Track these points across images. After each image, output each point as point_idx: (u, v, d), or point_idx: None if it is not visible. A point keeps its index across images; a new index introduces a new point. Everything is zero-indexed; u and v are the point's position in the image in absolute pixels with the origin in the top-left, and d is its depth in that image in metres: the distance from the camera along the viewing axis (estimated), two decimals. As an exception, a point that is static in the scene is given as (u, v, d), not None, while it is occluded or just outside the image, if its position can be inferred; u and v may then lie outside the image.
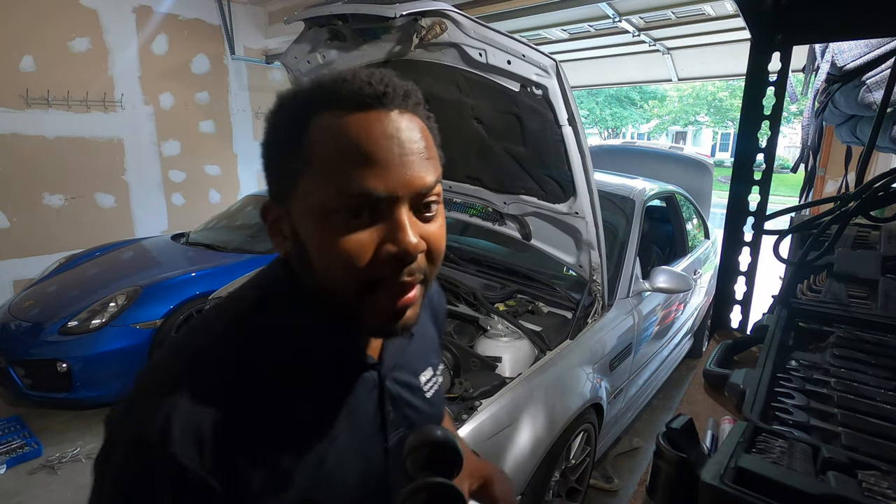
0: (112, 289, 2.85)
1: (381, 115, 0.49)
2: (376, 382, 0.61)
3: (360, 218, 0.49)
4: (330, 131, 0.49)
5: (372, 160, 0.48)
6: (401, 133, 0.49)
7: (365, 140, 0.48)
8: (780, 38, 1.27)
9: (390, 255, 0.49)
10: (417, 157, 0.50)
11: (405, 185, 0.49)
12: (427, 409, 0.68)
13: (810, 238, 1.24)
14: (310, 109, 0.50)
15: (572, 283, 2.26)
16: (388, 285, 0.50)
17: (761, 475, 0.57)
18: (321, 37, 1.85)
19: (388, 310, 0.51)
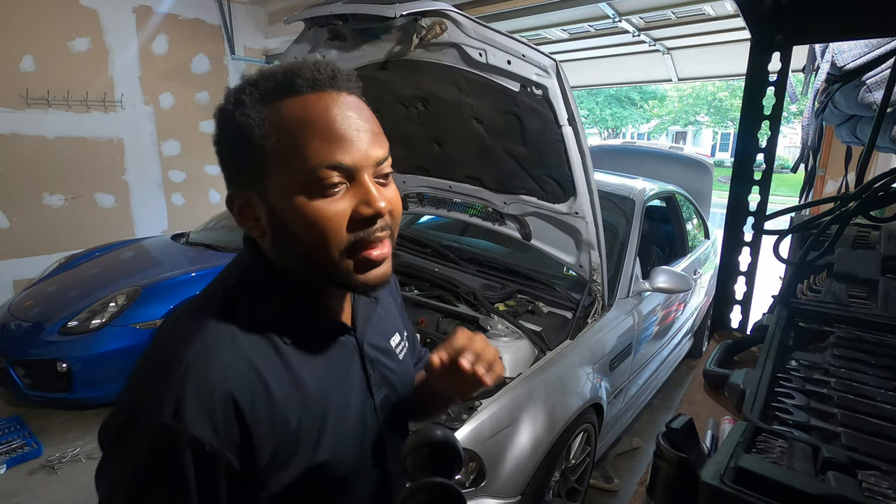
0: (112, 289, 2.85)
1: (334, 96, 0.56)
2: (355, 346, 0.68)
3: (335, 188, 0.55)
4: (293, 115, 0.54)
5: (337, 136, 0.55)
6: (353, 112, 0.57)
7: (327, 118, 0.55)
8: (780, 38, 1.27)
9: (366, 216, 0.56)
10: (371, 134, 0.58)
11: (366, 157, 0.56)
12: (400, 369, 0.76)
13: (810, 238, 1.24)
14: (269, 98, 0.55)
15: (572, 283, 2.26)
16: (365, 243, 0.58)
17: (761, 475, 0.57)
18: (321, 37, 1.85)
19: (368, 264, 0.59)
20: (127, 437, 0.52)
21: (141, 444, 0.51)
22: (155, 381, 0.53)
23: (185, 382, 0.51)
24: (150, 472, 0.51)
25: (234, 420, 0.53)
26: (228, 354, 0.55)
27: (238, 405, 0.53)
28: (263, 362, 0.57)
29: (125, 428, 0.52)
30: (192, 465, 0.50)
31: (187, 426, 0.50)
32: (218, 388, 0.52)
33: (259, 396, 0.55)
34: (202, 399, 0.51)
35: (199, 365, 0.53)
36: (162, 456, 0.50)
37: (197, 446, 0.50)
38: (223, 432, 0.52)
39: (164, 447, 0.50)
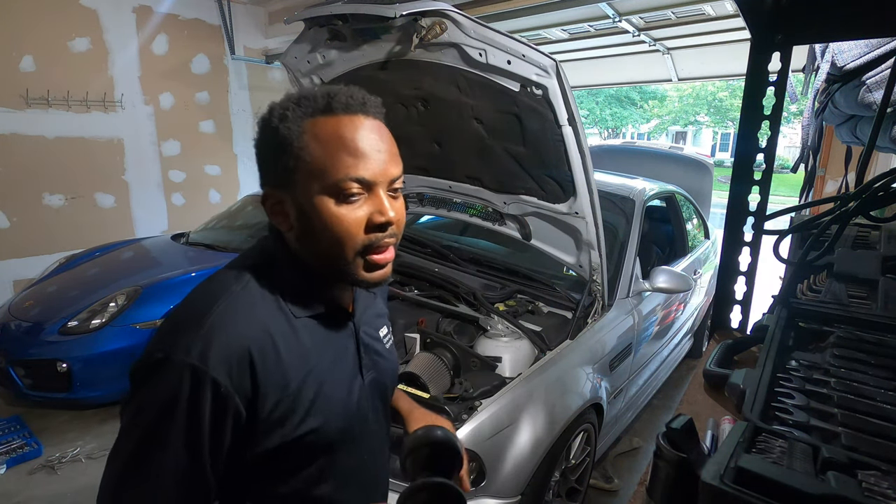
0: (112, 289, 2.85)
1: (363, 119, 0.66)
2: (353, 331, 0.78)
3: (354, 198, 0.65)
4: (327, 131, 0.65)
5: (362, 153, 0.65)
6: (377, 134, 0.67)
7: (356, 137, 0.65)
8: (780, 38, 1.27)
9: (379, 223, 0.67)
10: (389, 154, 0.68)
11: (383, 174, 0.67)
12: (388, 356, 0.87)
13: (810, 238, 1.24)
14: (307, 115, 0.66)
15: (572, 283, 2.26)
16: (375, 247, 0.68)
17: (761, 475, 0.57)
18: (321, 37, 1.85)
19: (374, 265, 0.69)
20: (158, 372, 0.60)
21: (169, 379, 0.59)
22: (186, 328, 0.62)
23: (211, 333, 0.61)
24: (173, 403, 0.59)
25: (248, 371, 0.62)
26: (249, 316, 0.65)
27: (252, 359, 0.62)
28: (276, 329, 0.67)
29: (157, 365, 0.60)
30: (210, 402, 0.60)
31: (210, 369, 0.59)
32: (237, 341, 0.62)
33: (269, 356, 0.64)
34: (223, 349, 0.61)
35: (224, 320, 0.63)
36: (186, 390, 0.59)
37: (215, 387, 0.60)
38: (237, 379, 0.61)
39: (189, 383, 0.59)
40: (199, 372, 0.59)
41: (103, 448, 2.54)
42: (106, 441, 2.60)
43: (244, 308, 0.65)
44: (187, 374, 0.59)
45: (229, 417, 0.62)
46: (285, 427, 0.66)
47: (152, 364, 0.61)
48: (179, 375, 0.59)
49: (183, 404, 0.59)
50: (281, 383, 0.65)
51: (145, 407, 0.61)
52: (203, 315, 0.63)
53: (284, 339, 0.67)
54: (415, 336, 1.88)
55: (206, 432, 0.60)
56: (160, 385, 0.60)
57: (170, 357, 0.60)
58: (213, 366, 0.60)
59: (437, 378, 1.73)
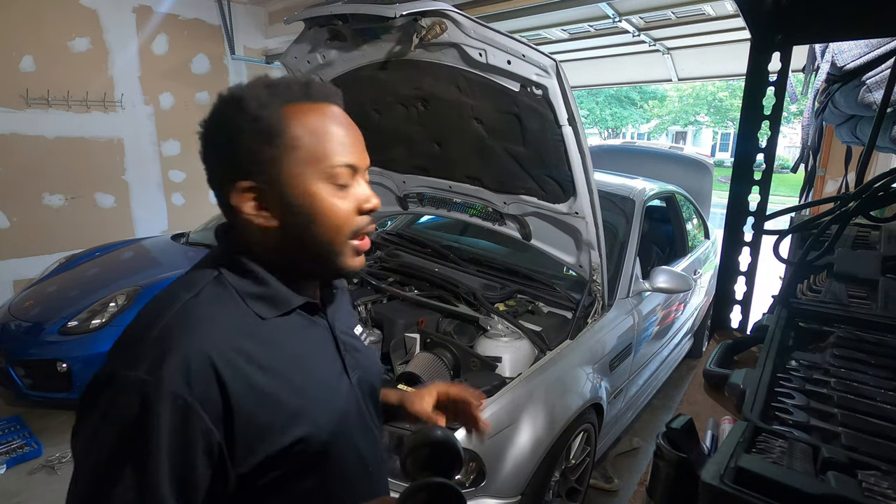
0: (112, 289, 2.85)
1: (341, 110, 0.68)
2: (328, 328, 0.74)
3: (346, 184, 0.65)
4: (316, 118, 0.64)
5: (350, 142, 0.66)
6: (352, 122, 0.68)
7: (342, 126, 0.66)
8: (780, 38, 1.27)
9: (369, 209, 0.67)
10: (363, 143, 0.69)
11: (364, 161, 0.68)
12: (371, 355, 0.84)
13: (810, 238, 1.24)
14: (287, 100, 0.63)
15: (572, 283, 2.26)
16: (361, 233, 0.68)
17: (761, 475, 0.57)
18: (321, 37, 1.85)
19: (357, 251, 0.68)
20: (105, 393, 0.54)
21: (118, 400, 0.53)
22: (131, 344, 0.57)
23: (161, 342, 0.55)
24: (126, 425, 0.53)
25: (214, 381, 0.56)
26: (205, 323, 0.59)
27: (216, 368, 0.56)
28: (242, 333, 0.61)
29: (103, 386, 0.55)
30: (169, 418, 0.53)
31: (162, 380, 0.53)
32: (193, 350, 0.55)
33: (237, 363, 0.58)
34: (177, 358, 0.54)
35: (176, 328, 0.57)
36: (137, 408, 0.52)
37: (172, 399, 0.53)
38: (200, 391, 0.54)
39: (141, 400, 0.52)
40: (149, 385, 0.52)
41: (103, 448, 2.53)
42: (106, 441, 2.59)
43: (198, 316, 0.59)
44: (137, 390, 0.53)
45: (197, 434, 0.54)
46: (268, 439, 0.60)
47: (98, 386, 0.55)
48: (129, 393, 0.53)
49: (135, 425, 0.52)
50: (254, 393, 0.59)
51: (96, 433, 0.54)
52: (148, 328, 0.57)
53: (253, 344, 0.61)
54: (415, 336, 1.88)
55: (164, 455, 0.52)
56: (110, 407, 0.53)
57: (115, 375, 0.54)
58: (166, 376, 0.53)
59: (437, 378, 1.73)
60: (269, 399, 0.60)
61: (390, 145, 2.21)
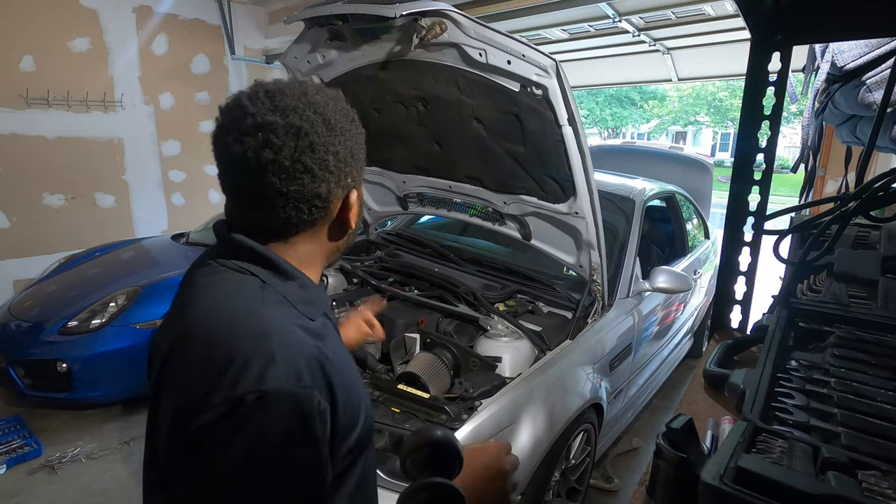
0: (112, 289, 2.85)
1: None
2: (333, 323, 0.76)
3: None
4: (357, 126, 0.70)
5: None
6: None
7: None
8: (780, 38, 1.27)
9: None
10: None
11: None
12: None
13: (810, 238, 1.24)
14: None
15: (572, 283, 2.26)
16: None
17: (761, 475, 0.57)
18: (321, 37, 1.85)
19: None
20: (259, 412, 0.53)
21: (278, 414, 0.53)
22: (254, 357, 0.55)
23: (287, 352, 0.56)
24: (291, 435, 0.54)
25: (324, 379, 0.59)
26: (293, 327, 0.61)
27: (322, 366, 0.59)
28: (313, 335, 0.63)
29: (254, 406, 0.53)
30: (319, 421, 0.56)
31: (309, 388, 0.56)
32: (310, 354, 0.59)
33: (327, 359, 0.61)
34: (307, 364, 0.57)
35: (284, 337, 0.58)
36: (301, 418, 0.54)
37: (319, 403, 0.56)
38: (324, 392, 0.58)
39: (301, 409, 0.54)
40: (304, 396, 0.55)
41: (103, 448, 2.54)
42: (106, 441, 2.60)
43: (282, 321, 0.61)
44: (294, 400, 0.54)
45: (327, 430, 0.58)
46: (351, 427, 0.63)
47: (246, 407, 0.53)
48: (286, 405, 0.54)
49: (302, 432, 0.54)
50: (343, 384, 0.62)
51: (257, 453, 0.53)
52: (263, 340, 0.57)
53: (320, 342, 0.63)
54: (415, 336, 1.88)
55: (324, 456, 0.57)
56: (269, 423, 0.53)
57: (265, 391, 0.53)
58: (310, 384, 0.56)
59: (437, 378, 1.73)
60: (350, 392, 0.63)
61: (390, 145, 2.21)
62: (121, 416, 2.82)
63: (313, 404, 0.55)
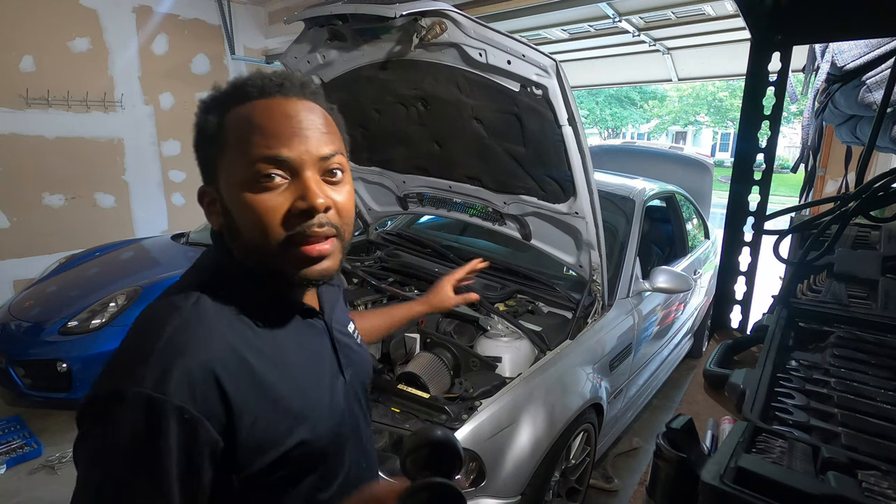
0: (112, 289, 2.85)
1: (281, 101, 0.61)
2: (325, 329, 0.73)
3: (272, 181, 0.59)
4: (241, 116, 0.60)
5: (275, 132, 0.59)
6: (299, 113, 0.61)
7: (269, 117, 0.59)
8: (780, 38, 1.27)
9: (300, 210, 0.59)
10: (316, 132, 0.61)
11: (306, 152, 0.60)
12: (361, 351, 0.83)
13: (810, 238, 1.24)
14: (226, 105, 0.62)
15: (572, 283, 2.26)
16: (302, 237, 0.60)
17: (761, 475, 0.57)
18: (321, 37, 1.85)
19: (305, 259, 0.61)
20: (111, 410, 0.53)
21: (125, 416, 0.52)
22: (135, 358, 0.55)
23: (165, 358, 0.54)
24: (134, 442, 0.52)
25: (216, 392, 0.55)
26: (206, 331, 0.58)
27: (218, 378, 0.56)
28: (241, 341, 0.60)
29: (109, 403, 0.53)
30: (176, 433, 0.52)
31: (170, 395, 0.52)
32: (197, 361, 0.55)
33: (238, 371, 0.58)
34: (182, 372, 0.54)
35: (179, 340, 0.56)
36: (146, 425, 0.52)
37: (179, 414, 0.52)
38: (202, 403, 0.54)
39: (149, 416, 0.52)
40: (157, 402, 0.52)
41: (103, 448, 2.54)
42: (106, 441, 2.59)
43: (199, 325, 0.58)
44: (144, 407, 0.52)
45: (203, 446, 0.54)
46: (271, 444, 0.60)
47: (102, 403, 0.53)
48: (136, 409, 0.52)
49: (145, 442, 0.52)
50: (256, 399, 0.59)
51: (102, 452, 0.53)
52: (152, 341, 0.55)
53: (252, 351, 0.60)
54: (415, 336, 1.88)
55: (174, 469, 0.52)
56: (116, 424, 0.52)
57: (121, 391, 0.52)
58: (173, 391, 0.52)
59: (437, 378, 1.73)
60: (270, 406, 0.60)
61: (390, 145, 2.21)
62: (121, 416, 2.82)
63: (167, 413, 0.52)
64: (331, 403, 0.69)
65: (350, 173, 0.66)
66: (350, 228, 0.66)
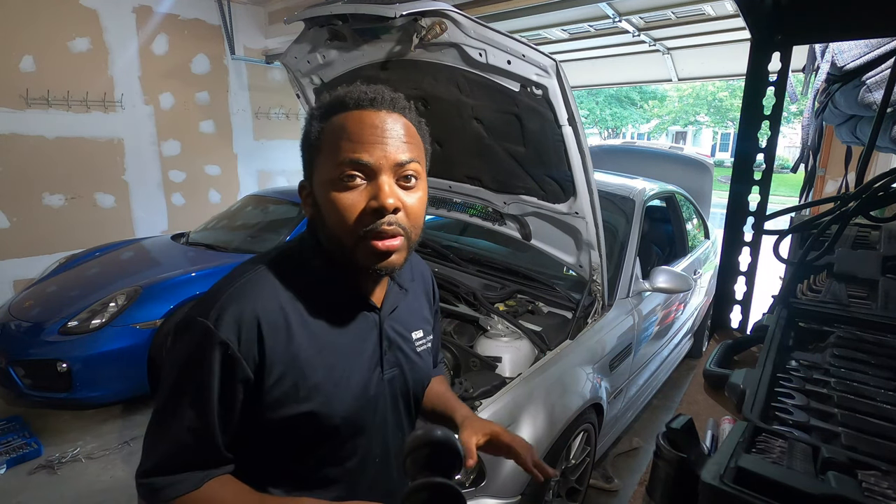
0: (112, 289, 2.85)
1: (371, 112, 0.70)
2: (376, 323, 0.79)
3: (353, 181, 0.68)
4: (337, 124, 0.70)
5: (361, 138, 0.68)
6: (385, 123, 0.70)
7: (358, 126, 0.69)
8: (780, 38, 1.27)
9: (372, 208, 0.68)
10: (396, 140, 0.70)
11: (384, 157, 0.68)
12: (418, 360, 0.87)
13: (810, 238, 1.24)
14: (327, 114, 0.72)
15: (572, 283, 2.26)
16: (373, 233, 0.68)
17: (761, 475, 0.57)
18: (321, 37, 1.85)
19: (374, 251, 0.69)
20: (184, 332, 0.69)
21: (190, 338, 0.68)
22: (211, 297, 0.70)
23: (227, 301, 0.68)
24: (190, 359, 0.68)
25: (255, 338, 0.68)
26: (265, 291, 0.71)
27: (260, 328, 0.68)
28: (292, 307, 0.72)
29: (184, 326, 0.69)
30: (219, 361, 0.66)
31: (220, 331, 0.66)
32: (248, 310, 0.68)
33: (279, 329, 0.70)
34: (234, 315, 0.67)
35: (241, 292, 0.70)
36: (200, 348, 0.67)
37: (223, 348, 0.66)
38: (245, 344, 0.67)
39: (203, 342, 0.67)
40: (211, 333, 0.66)
41: (103, 448, 2.54)
42: (106, 441, 2.60)
43: (262, 284, 0.71)
44: (202, 334, 0.66)
45: (237, 378, 0.67)
46: (287, 401, 0.70)
47: (182, 324, 0.70)
48: (197, 335, 0.67)
49: (196, 362, 0.67)
50: (286, 358, 0.69)
51: (172, 362, 0.69)
52: (226, 287, 0.71)
53: (298, 318, 0.71)
54: (415, 336, 1.88)
55: (214, 388, 0.66)
56: (183, 343, 0.69)
57: (193, 318, 0.68)
58: (223, 329, 0.66)
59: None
60: (296, 368, 0.70)
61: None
62: (121, 416, 2.82)
63: (215, 343, 0.66)
64: (356, 390, 0.76)
65: (426, 181, 0.75)
66: (418, 230, 0.74)
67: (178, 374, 0.69)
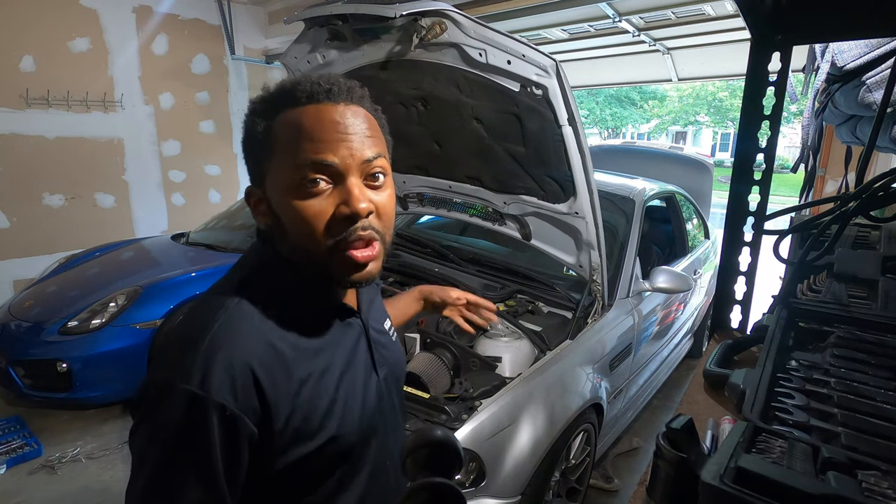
0: (112, 289, 2.85)
1: (328, 106, 0.62)
2: (361, 328, 0.75)
3: (318, 186, 0.61)
4: (290, 121, 0.62)
5: (322, 137, 0.60)
6: (345, 118, 0.62)
7: (317, 123, 0.61)
8: (780, 38, 1.27)
9: (344, 215, 0.61)
10: (360, 136, 0.63)
11: (350, 156, 0.61)
12: (394, 348, 0.84)
13: (810, 238, 1.24)
14: (275, 109, 0.63)
15: (572, 283, 2.26)
16: (347, 243, 0.62)
17: (761, 475, 0.57)
18: (321, 37, 1.85)
19: (352, 263, 0.63)
20: (161, 401, 0.57)
21: (173, 409, 0.56)
22: (184, 351, 0.59)
23: (209, 355, 0.58)
24: (181, 434, 0.56)
25: (252, 388, 0.58)
26: (248, 330, 0.61)
27: (255, 375, 0.59)
28: (279, 337, 0.63)
29: (160, 394, 0.57)
30: (217, 428, 0.56)
31: (212, 394, 0.56)
32: (237, 359, 0.58)
33: (274, 368, 0.61)
34: (224, 370, 0.57)
35: (222, 339, 0.59)
36: (192, 420, 0.56)
37: (221, 411, 0.56)
38: (242, 400, 0.58)
39: (194, 412, 0.56)
40: (201, 399, 0.56)
41: (103, 448, 2.54)
42: (106, 441, 2.60)
43: (240, 323, 0.61)
44: (190, 402, 0.56)
45: (242, 440, 0.58)
46: (303, 438, 0.63)
47: (154, 392, 0.58)
48: (183, 404, 0.56)
49: (191, 435, 0.56)
50: (291, 394, 0.62)
51: (153, 439, 0.57)
52: (200, 336, 0.59)
53: (288, 348, 0.63)
54: (415, 336, 1.88)
55: (218, 460, 0.57)
56: (166, 415, 0.57)
57: (171, 384, 0.57)
58: (215, 390, 0.56)
59: (437, 378, 1.73)
60: (304, 402, 0.63)
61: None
62: (121, 416, 2.82)
63: (209, 410, 0.56)
64: (363, 401, 0.71)
65: (391, 176, 0.68)
66: (391, 231, 0.68)
67: (166, 453, 0.57)
